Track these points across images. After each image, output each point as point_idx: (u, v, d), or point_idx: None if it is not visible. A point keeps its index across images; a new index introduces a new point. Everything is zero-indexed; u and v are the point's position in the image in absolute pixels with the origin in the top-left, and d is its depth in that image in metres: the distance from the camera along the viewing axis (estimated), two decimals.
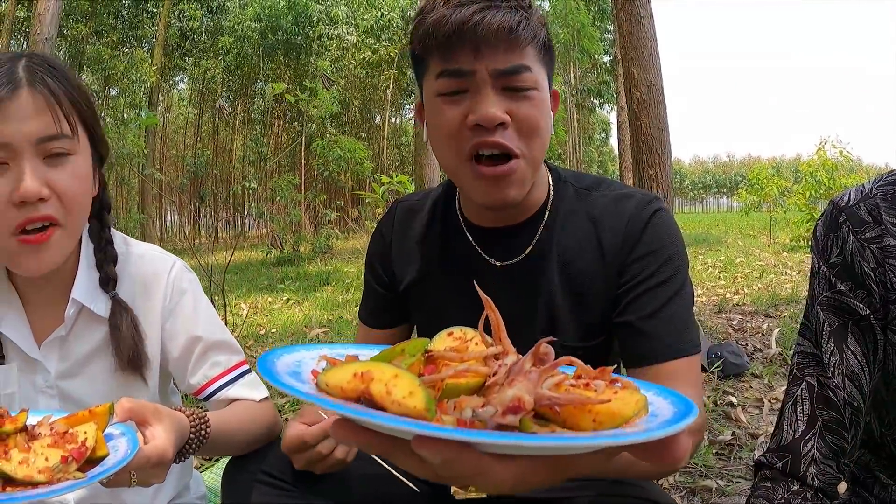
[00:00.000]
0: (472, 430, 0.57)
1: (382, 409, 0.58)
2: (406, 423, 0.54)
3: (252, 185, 10.11)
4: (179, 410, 1.12)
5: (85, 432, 0.93)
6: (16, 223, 1.09)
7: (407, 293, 1.44)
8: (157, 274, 1.35)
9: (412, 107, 30.34)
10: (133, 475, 0.97)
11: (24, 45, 20.38)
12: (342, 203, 17.29)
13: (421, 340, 0.70)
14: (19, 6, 18.66)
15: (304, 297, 8.14)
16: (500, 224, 1.33)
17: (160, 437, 1.00)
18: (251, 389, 1.38)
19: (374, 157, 25.26)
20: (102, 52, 22.13)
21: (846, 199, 1.10)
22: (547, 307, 1.32)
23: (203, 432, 1.15)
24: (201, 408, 1.24)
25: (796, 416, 1.10)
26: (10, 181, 1.09)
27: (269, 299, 8.12)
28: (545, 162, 1.33)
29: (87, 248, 1.30)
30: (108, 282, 1.29)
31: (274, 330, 5.89)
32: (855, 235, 1.06)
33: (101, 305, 1.28)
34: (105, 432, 0.98)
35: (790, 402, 1.12)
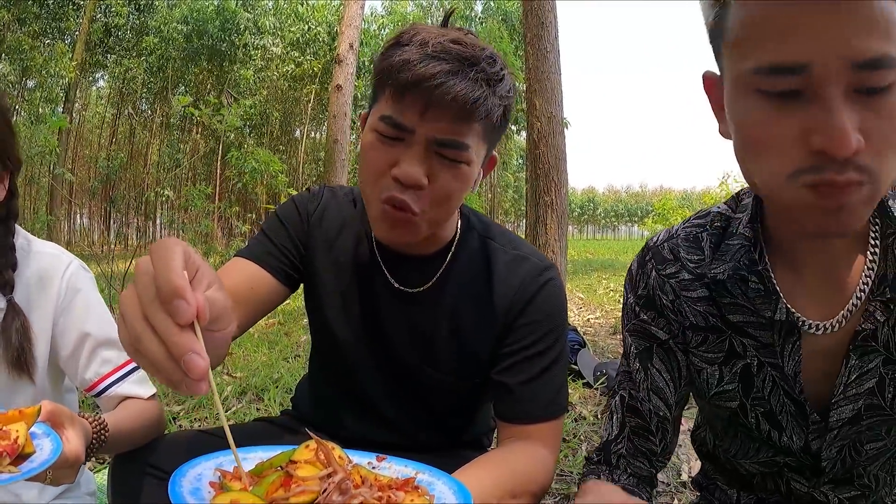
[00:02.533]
0: None
1: None
2: None
3: (166, 192, 10.02)
4: (81, 416, 1.15)
5: (17, 430, 0.97)
6: None
7: (307, 268, 1.40)
8: (54, 271, 1.40)
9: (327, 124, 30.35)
10: (49, 473, 1.01)
11: None
12: (254, 216, 17.06)
13: (285, 453, 0.84)
14: None
15: None
16: (406, 251, 1.34)
17: (74, 441, 1.05)
18: (140, 386, 1.43)
19: (291, 171, 25.02)
20: (23, 41, 21.24)
21: (656, 239, 1.17)
22: (431, 340, 1.35)
23: (102, 436, 1.18)
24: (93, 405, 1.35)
25: (612, 423, 1.19)
26: None
27: None
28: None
29: None
30: (3, 286, 1.34)
31: None
32: (657, 272, 1.13)
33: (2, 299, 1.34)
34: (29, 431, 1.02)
35: (608, 412, 1.21)
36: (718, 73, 0.91)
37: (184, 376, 0.61)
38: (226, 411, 3.88)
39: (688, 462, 2.89)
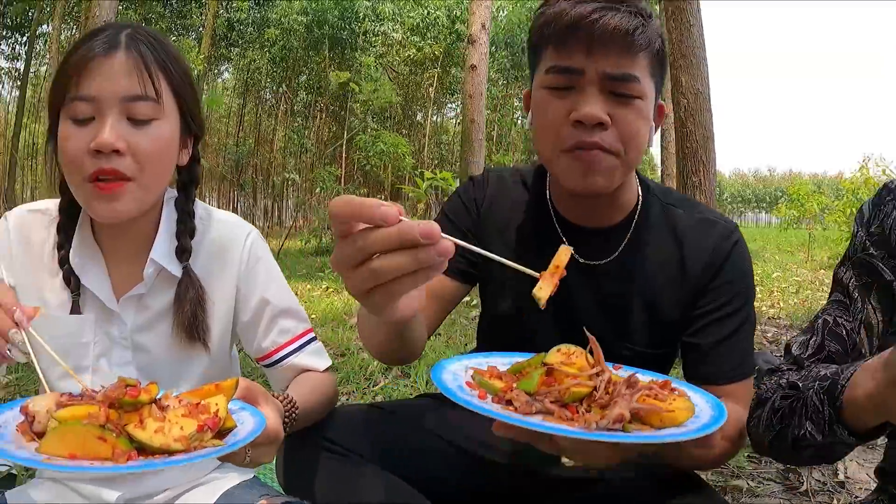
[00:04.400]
0: (600, 433, 0.83)
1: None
2: (560, 429, 0.83)
3: (293, 176, 10.26)
4: (273, 396, 1.13)
5: (216, 403, 0.95)
6: (90, 171, 1.17)
7: (484, 265, 1.42)
8: (236, 239, 1.40)
9: (455, 105, 30.42)
10: (248, 452, 1.00)
11: (75, 31, 20.84)
12: (382, 197, 17.20)
13: (538, 356, 0.97)
14: None
15: (342, 286, 8.27)
16: (589, 224, 1.36)
17: (272, 418, 1.02)
18: (317, 358, 1.44)
19: (415, 154, 25.32)
20: None
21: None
22: (623, 312, 1.36)
23: (294, 414, 1.20)
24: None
25: (808, 343, 1.19)
26: (92, 133, 1.17)
27: (308, 287, 8.29)
28: (637, 173, 1.38)
29: (170, 216, 1.36)
30: (182, 253, 1.34)
31: (314, 316, 6.05)
32: None
33: (177, 267, 1.34)
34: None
35: (804, 335, 1.22)
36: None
37: None
38: (372, 387, 3.89)
39: (843, 462, 2.74)
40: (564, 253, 0.88)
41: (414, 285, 0.76)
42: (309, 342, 1.44)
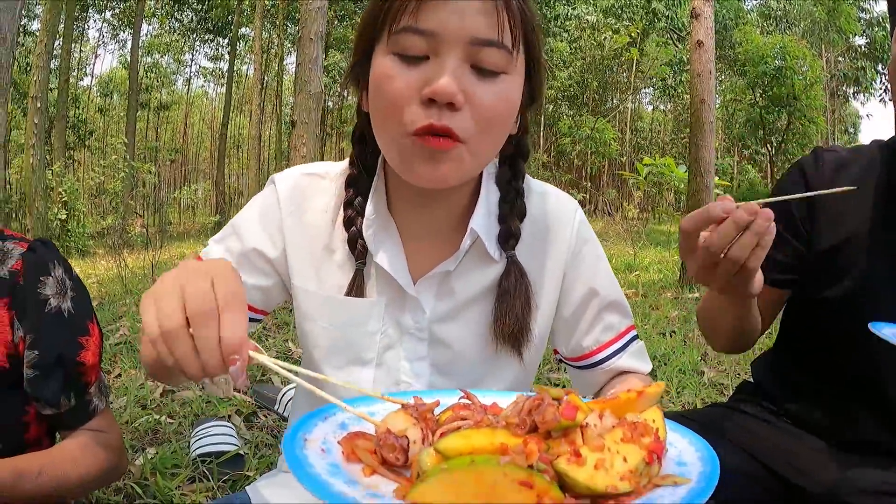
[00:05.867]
0: None
1: None
2: None
3: None
4: None
5: (653, 420, 0.69)
6: (417, 125, 0.93)
7: (821, 258, 1.33)
8: (563, 216, 1.18)
9: (651, 90, 29.38)
10: None
11: (272, 32, 22.24)
12: (590, 185, 16.86)
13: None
14: None
15: None
16: None
17: None
18: (640, 360, 1.22)
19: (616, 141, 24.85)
20: (347, 33, 23.50)
21: None
22: None
23: None
24: None
25: None
26: (424, 75, 0.93)
27: None
28: None
29: (489, 195, 1.13)
30: (508, 238, 1.11)
31: None
32: None
33: (495, 249, 1.12)
34: None
35: None
36: None
37: None
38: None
39: None
40: None
41: (763, 254, 0.97)
42: (632, 340, 1.22)
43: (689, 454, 0.68)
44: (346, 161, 1.16)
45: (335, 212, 1.14)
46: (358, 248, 1.10)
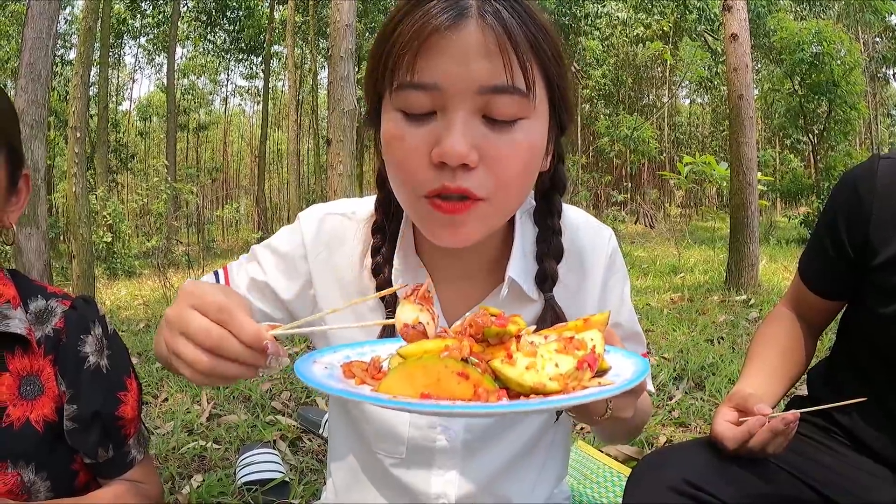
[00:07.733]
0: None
1: None
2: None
3: None
4: None
5: (591, 339, 0.77)
6: (428, 188, 0.87)
7: (880, 270, 1.26)
8: (597, 248, 1.13)
9: (685, 84, 28.94)
10: (610, 403, 0.83)
11: (305, 51, 22.45)
12: (630, 185, 16.67)
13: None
14: (297, 14, 20.65)
15: None
16: None
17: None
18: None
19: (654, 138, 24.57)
20: None
21: None
22: None
23: None
24: None
25: None
26: (433, 134, 0.86)
27: None
28: None
29: (525, 234, 1.08)
30: (545, 280, 1.06)
31: None
32: None
33: (533, 289, 1.07)
34: None
35: None
36: None
37: None
38: (668, 400, 3.56)
39: None
40: None
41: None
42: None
43: (625, 369, 0.76)
44: (373, 200, 1.11)
45: (362, 257, 1.10)
46: (387, 298, 1.04)
